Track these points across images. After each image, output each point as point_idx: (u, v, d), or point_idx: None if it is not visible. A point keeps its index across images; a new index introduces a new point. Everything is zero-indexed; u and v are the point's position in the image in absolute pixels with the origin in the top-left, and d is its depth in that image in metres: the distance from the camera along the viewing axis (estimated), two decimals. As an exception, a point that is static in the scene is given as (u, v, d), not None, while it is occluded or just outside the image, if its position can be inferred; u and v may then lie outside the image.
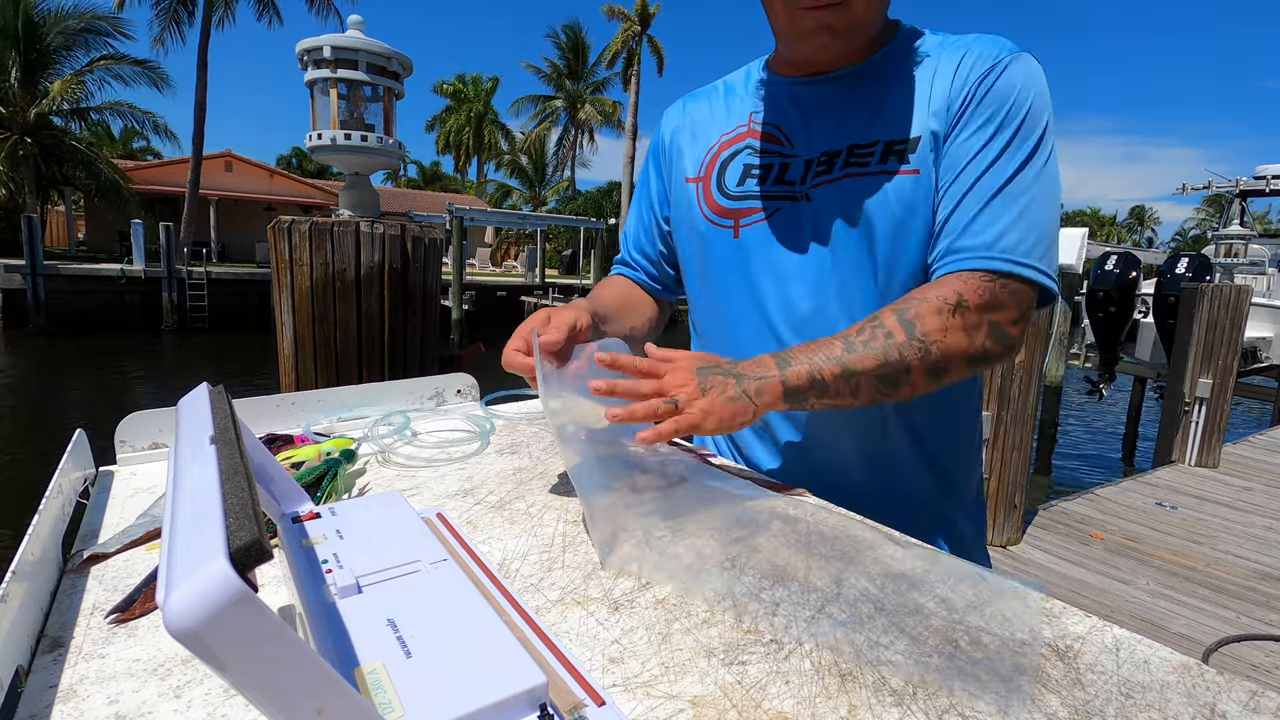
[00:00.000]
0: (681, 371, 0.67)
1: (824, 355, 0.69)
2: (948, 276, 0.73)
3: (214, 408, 0.41)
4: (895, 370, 0.69)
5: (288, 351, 3.06)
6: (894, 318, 0.70)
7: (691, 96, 0.99)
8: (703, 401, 0.65)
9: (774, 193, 0.84)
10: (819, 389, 0.68)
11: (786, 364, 0.68)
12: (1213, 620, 3.08)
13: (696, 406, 0.64)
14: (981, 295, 0.70)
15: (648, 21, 28.48)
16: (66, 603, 0.51)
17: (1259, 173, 12.26)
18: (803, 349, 0.70)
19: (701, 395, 0.65)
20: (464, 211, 17.59)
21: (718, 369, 0.68)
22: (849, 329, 0.72)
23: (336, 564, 0.43)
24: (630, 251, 1.05)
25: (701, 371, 0.67)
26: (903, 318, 0.70)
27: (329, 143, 3.30)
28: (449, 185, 44.68)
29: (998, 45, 0.76)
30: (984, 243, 0.72)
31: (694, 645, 0.46)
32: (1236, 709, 0.41)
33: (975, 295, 0.70)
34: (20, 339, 14.63)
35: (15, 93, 18.13)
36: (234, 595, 0.23)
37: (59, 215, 25.67)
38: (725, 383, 0.67)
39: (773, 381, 0.67)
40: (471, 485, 0.75)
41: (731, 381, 0.67)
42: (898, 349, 0.69)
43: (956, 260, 0.73)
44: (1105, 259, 8.33)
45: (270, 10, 20.86)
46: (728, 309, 0.89)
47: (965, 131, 0.74)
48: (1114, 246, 14.33)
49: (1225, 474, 5.08)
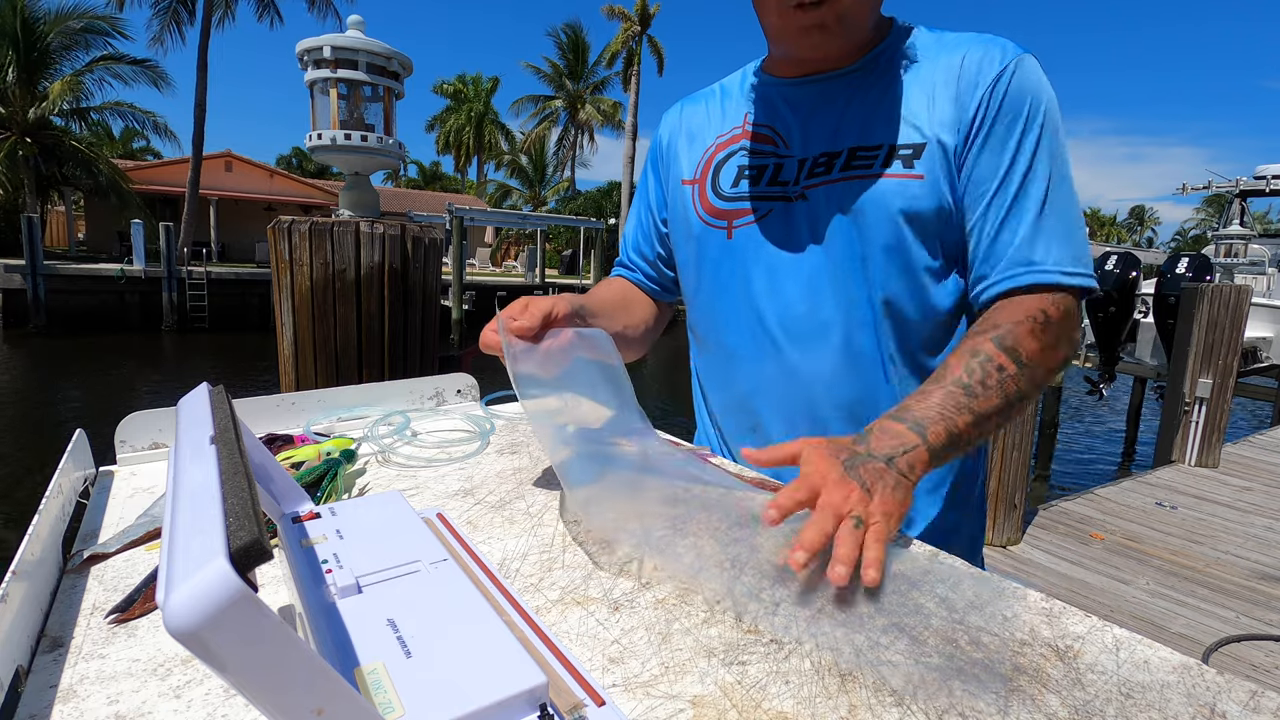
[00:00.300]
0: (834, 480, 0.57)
1: (952, 407, 0.65)
2: (1020, 296, 0.73)
3: (214, 408, 0.41)
4: (1014, 402, 0.69)
5: (288, 351, 3.06)
6: (993, 345, 0.68)
7: (689, 100, 0.99)
8: (877, 505, 0.56)
9: (768, 193, 0.84)
10: (955, 443, 0.64)
11: (921, 427, 0.63)
12: (1213, 620, 3.08)
13: (878, 514, 0.56)
14: (1057, 310, 0.72)
15: (648, 21, 28.48)
16: (66, 603, 0.51)
17: (1259, 173, 12.26)
18: (921, 402, 0.65)
19: (870, 497, 0.57)
20: (464, 211, 17.59)
21: (855, 456, 0.60)
22: (952, 366, 0.68)
23: (336, 564, 0.43)
24: (629, 253, 1.05)
25: (847, 467, 0.58)
26: (1003, 345, 0.69)
27: (329, 143, 3.30)
28: (449, 185, 44.68)
29: (1000, 47, 0.76)
30: (1043, 258, 0.73)
31: (694, 645, 0.46)
32: (1236, 709, 0.41)
33: (1055, 311, 0.71)
34: (20, 339, 14.62)
35: (15, 93, 18.13)
36: (234, 595, 0.23)
37: (59, 215, 25.67)
38: (879, 471, 0.59)
39: (920, 451, 0.62)
40: (471, 485, 0.75)
41: (882, 466, 0.59)
42: (1013, 381, 0.68)
43: (1019, 276, 0.73)
44: (1105, 259, 8.32)
45: (271, 10, 20.87)
46: (723, 310, 0.89)
47: (991, 145, 0.74)
48: (1114, 246, 14.33)
49: (1225, 474, 5.08)
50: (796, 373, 0.83)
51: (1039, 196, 0.74)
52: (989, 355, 0.68)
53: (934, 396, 0.66)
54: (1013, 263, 0.74)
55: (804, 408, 0.84)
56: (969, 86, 0.75)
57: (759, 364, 0.86)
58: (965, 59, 0.76)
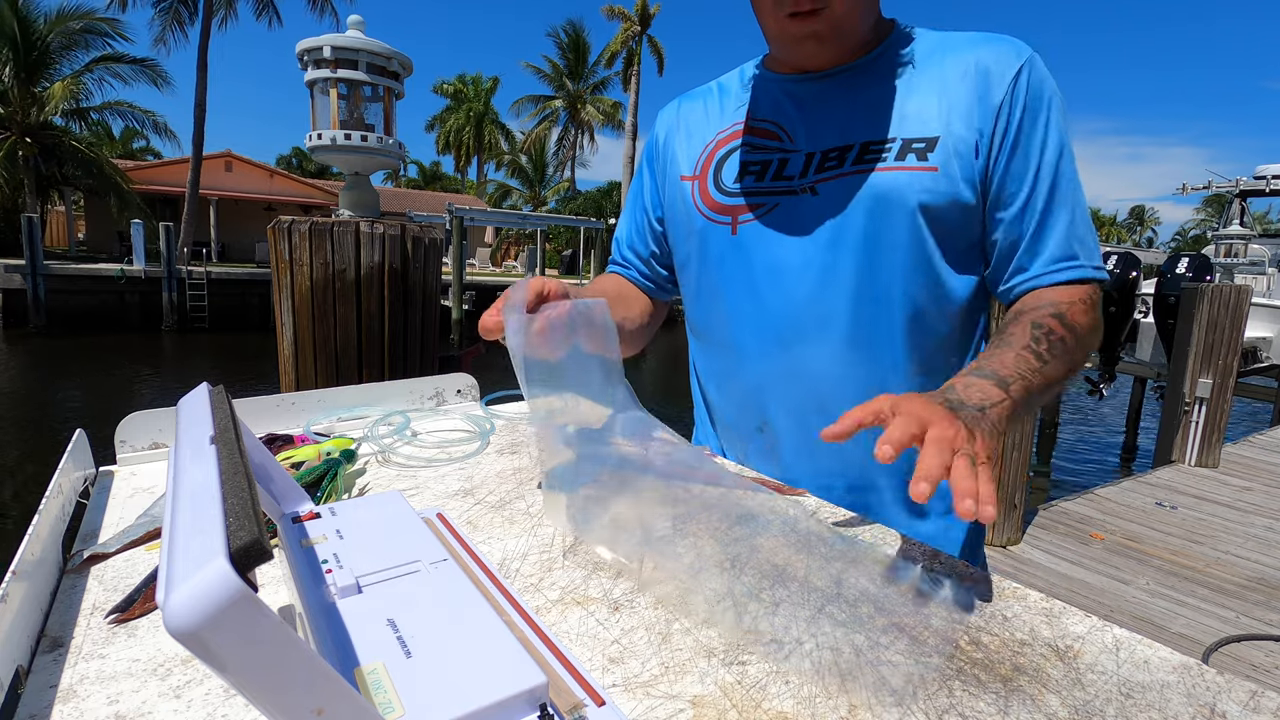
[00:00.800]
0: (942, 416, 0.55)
1: (1027, 368, 0.66)
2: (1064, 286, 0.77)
3: (214, 408, 0.41)
4: (1070, 372, 0.72)
5: (288, 351, 3.06)
6: (1054, 319, 0.72)
7: (686, 97, 0.99)
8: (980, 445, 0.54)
9: (773, 188, 0.84)
10: (1030, 403, 0.66)
11: (1006, 382, 0.64)
12: (1213, 620, 3.08)
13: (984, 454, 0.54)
14: (1095, 297, 0.77)
15: (648, 21, 28.49)
16: (66, 603, 0.51)
17: (1259, 173, 12.27)
18: (999, 360, 0.66)
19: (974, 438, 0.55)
20: (464, 211, 17.57)
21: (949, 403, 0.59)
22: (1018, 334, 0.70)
23: (336, 564, 0.43)
24: (622, 251, 1.04)
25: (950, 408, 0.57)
26: (1062, 319, 0.72)
27: (329, 143, 3.30)
28: (449, 185, 44.68)
29: (1011, 45, 0.77)
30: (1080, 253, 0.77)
31: (694, 645, 0.46)
32: (1236, 709, 0.41)
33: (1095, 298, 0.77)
34: (20, 339, 14.62)
35: (14, 94, 18.13)
36: (234, 595, 0.23)
37: (59, 215, 25.67)
38: (976, 417, 0.58)
39: (1007, 404, 0.62)
40: (471, 485, 0.75)
41: (978, 414, 0.59)
42: (1072, 352, 0.72)
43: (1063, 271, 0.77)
44: (1105, 259, 8.28)
45: (269, 10, 20.87)
46: (727, 305, 0.89)
47: (1020, 143, 0.76)
48: (1114, 246, 14.34)
49: (1225, 474, 5.08)
50: (805, 368, 0.83)
51: (1070, 192, 0.77)
52: (1051, 327, 0.71)
53: (1008, 356, 0.67)
54: (1054, 259, 0.77)
55: (814, 404, 0.83)
56: (989, 84, 0.76)
57: (766, 360, 0.85)
58: (978, 56, 0.77)
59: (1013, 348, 0.68)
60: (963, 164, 0.76)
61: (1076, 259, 0.77)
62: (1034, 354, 0.68)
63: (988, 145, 0.76)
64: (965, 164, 0.76)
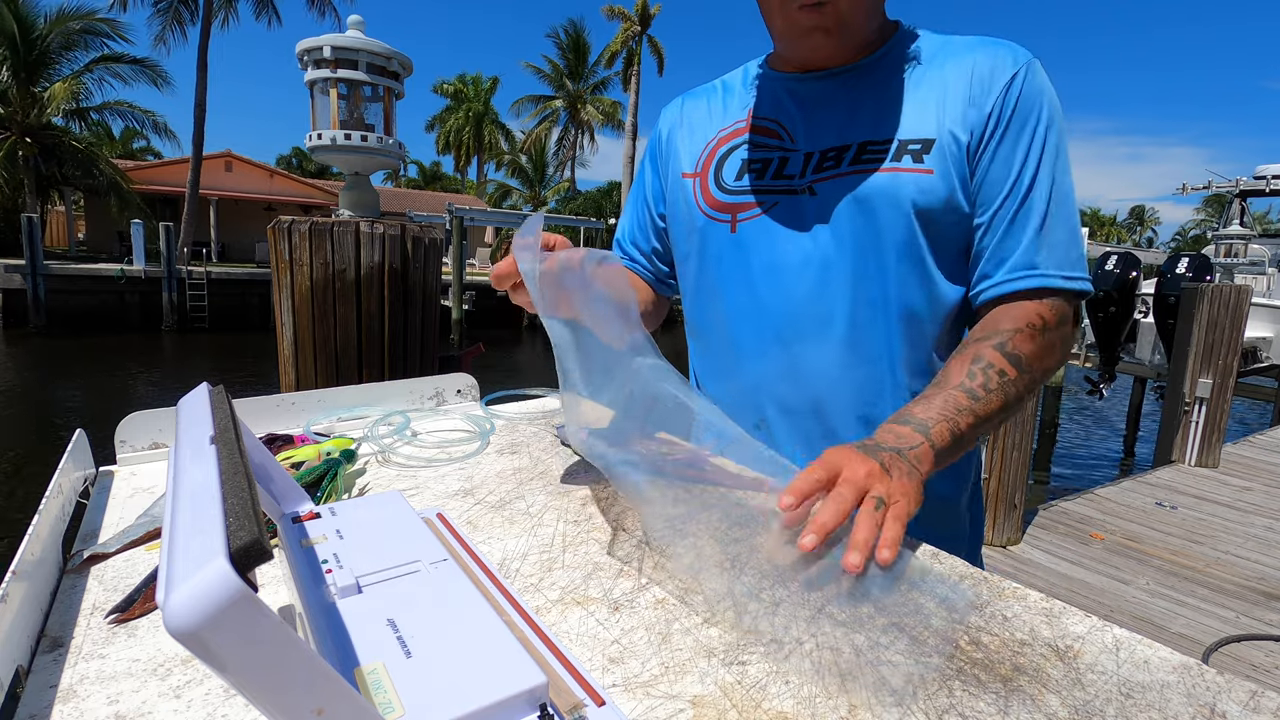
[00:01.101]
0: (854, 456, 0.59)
1: (954, 409, 0.67)
2: (1021, 301, 0.75)
3: (214, 408, 0.41)
4: (1013, 404, 0.72)
5: (288, 351, 3.06)
6: (996, 353, 0.71)
7: (690, 94, 0.99)
8: (896, 484, 0.58)
9: (773, 186, 0.84)
10: (959, 443, 0.67)
11: (925, 427, 0.65)
12: (1213, 620, 3.08)
13: (898, 493, 0.57)
14: (1054, 314, 0.74)
15: (648, 21, 28.49)
16: (66, 603, 0.51)
17: (1259, 173, 12.28)
18: (924, 406, 0.67)
19: (889, 476, 0.58)
20: (464, 211, 17.57)
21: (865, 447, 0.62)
22: (954, 372, 0.70)
23: (336, 564, 0.43)
24: (625, 247, 1.05)
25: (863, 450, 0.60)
26: (1004, 350, 0.71)
27: (329, 143, 3.30)
28: (449, 185, 44.69)
29: (1010, 51, 0.78)
30: (1045, 263, 0.75)
31: (694, 645, 0.46)
32: (1236, 709, 0.41)
33: (1051, 315, 0.74)
34: (20, 339, 14.62)
35: (14, 94, 18.13)
36: (234, 595, 0.23)
37: (59, 215, 25.68)
38: (893, 457, 0.61)
39: (925, 449, 0.64)
40: (471, 485, 0.75)
41: (894, 454, 0.61)
42: (1014, 385, 0.71)
43: (1023, 280, 0.75)
44: (1105, 259, 8.32)
45: (269, 10, 20.87)
46: (726, 303, 0.89)
47: (1004, 148, 0.76)
48: (1114, 246, 14.35)
49: (1225, 474, 5.08)
50: (802, 367, 0.83)
51: (1044, 200, 0.76)
52: (990, 361, 0.70)
53: (936, 400, 0.68)
54: (1016, 266, 0.76)
55: (810, 403, 0.84)
56: (983, 88, 0.76)
57: (763, 358, 0.86)
58: (977, 61, 0.77)
59: (944, 389, 0.69)
60: (957, 167, 0.76)
61: (1036, 268, 0.75)
62: (967, 393, 0.68)
63: (976, 149, 0.76)
64: (959, 167, 0.76)
